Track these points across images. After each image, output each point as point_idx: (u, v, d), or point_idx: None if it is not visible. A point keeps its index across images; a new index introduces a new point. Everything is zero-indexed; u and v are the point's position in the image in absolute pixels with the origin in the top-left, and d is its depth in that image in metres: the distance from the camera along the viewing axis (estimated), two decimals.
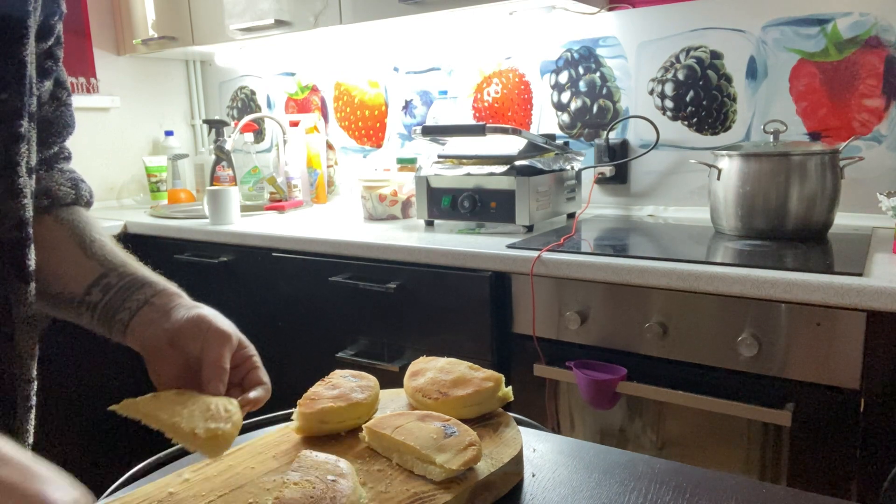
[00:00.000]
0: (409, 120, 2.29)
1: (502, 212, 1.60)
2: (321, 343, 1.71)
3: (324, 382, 0.70)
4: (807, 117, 1.63)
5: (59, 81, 0.71)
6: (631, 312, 1.27)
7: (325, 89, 2.49)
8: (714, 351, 1.20)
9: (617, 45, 1.85)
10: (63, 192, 0.73)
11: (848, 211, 1.57)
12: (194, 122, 2.85)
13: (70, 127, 0.75)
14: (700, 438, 1.25)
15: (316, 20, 1.97)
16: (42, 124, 0.69)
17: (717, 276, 1.15)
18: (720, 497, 0.57)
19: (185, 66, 2.80)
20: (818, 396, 1.12)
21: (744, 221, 1.41)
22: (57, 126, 0.72)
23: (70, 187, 0.74)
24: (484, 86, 2.11)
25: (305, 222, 1.94)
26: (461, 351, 1.47)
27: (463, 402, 0.67)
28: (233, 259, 1.89)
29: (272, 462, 0.61)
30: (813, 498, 0.57)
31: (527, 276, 1.36)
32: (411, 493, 0.55)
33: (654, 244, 1.45)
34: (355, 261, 1.62)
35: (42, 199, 0.70)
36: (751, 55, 1.67)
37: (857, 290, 1.04)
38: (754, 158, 1.39)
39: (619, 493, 0.58)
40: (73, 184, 0.75)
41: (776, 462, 1.18)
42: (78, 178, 0.76)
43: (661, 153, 1.82)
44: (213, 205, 1.95)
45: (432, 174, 1.70)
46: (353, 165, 2.44)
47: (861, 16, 1.54)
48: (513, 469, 0.61)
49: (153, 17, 2.40)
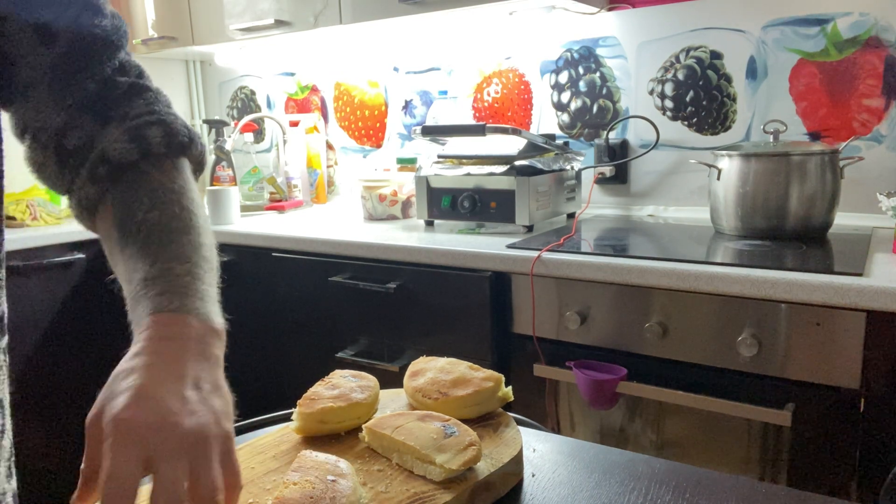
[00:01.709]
0: (409, 120, 2.29)
1: (502, 212, 1.60)
2: (321, 343, 1.71)
3: (324, 382, 0.70)
4: (807, 117, 1.63)
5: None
6: (631, 312, 1.27)
7: (324, 89, 2.49)
8: (714, 351, 1.20)
9: (617, 45, 1.85)
10: (119, 150, 0.58)
11: (848, 211, 1.57)
12: (194, 122, 2.85)
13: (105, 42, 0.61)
14: (700, 438, 1.25)
15: (316, 20, 1.97)
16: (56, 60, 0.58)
17: (717, 276, 1.15)
18: (720, 497, 0.57)
19: (184, 66, 2.80)
20: (818, 396, 1.12)
21: (744, 221, 1.41)
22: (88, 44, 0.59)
23: (129, 140, 0.59)
24: (484, 86, 2.11)
25: (305, 222, 1.94)
26: (461, 351, 1.47)
27: (463, 402, 0.67)
28: (233, 259, 1.89)
29: (272, 462, 0.61)
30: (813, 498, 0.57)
31: (527, 276, 1.36)
32: (411, 493, 0.55)
33: (654, 244, 1.45)
34: (355, 261, 1.62)
35: (98, 168, 0.58)
36: (751, 55, 1.67)
37: (857, 290, 1.04)
38: (754, 158, 1.39)
39: (619, 493, 0.58)
40: (134, 132, 0.59)
41: (776, 462, 1.18)
42: (144, 123, 0.59)
43: (661, 153, 1.82)
44: (213, 205, 1.95)
45: (432, 174, 1.70)
46: (353, 165, 2.44)
47: (861, 16, 1.54)
48: (513, 469, 0.61)
49: (153, 17, 2.40)
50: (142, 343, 0.48)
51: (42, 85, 0.59)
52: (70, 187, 0.62)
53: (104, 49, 0.62)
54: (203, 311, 0.51)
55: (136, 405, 0.43)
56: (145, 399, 0.43)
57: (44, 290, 1.96)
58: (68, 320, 2.01)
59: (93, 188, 0.59)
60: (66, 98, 0.60)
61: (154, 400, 0.43)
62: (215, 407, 0.47)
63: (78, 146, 0.60)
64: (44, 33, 0.58)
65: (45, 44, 0.58)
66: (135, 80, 0.64)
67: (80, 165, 0.60)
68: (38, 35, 0.58)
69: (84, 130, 0.60)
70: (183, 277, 0.52)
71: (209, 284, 0.54)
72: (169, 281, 0.52)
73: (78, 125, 0.60)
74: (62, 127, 0.60)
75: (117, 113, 0.61)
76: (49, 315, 1.97)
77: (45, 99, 0.60)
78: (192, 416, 0.44)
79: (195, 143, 0.63)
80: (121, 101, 0.62)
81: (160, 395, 0.44)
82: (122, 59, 0.64)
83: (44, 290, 1.96)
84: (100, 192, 0.59)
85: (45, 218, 2.12)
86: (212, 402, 0.47)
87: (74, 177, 0.60)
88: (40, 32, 0.58)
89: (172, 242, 0.55)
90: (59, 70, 0.59)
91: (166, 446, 0.42)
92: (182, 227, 0.56)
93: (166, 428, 0.42)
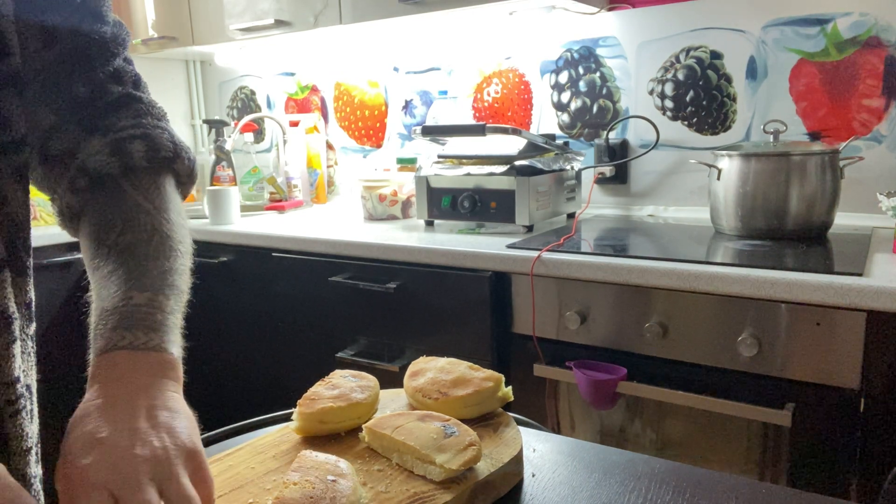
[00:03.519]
0: (409, 120, 2.29)
1: (502, 212, 1.60)
2: (321, 343, 1.71)
3: (324, 382, 0.70)
4: (807, 117, 1.63)
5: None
6: (631, 312, 1.27)
7: (325, 89, 2.49)
8: (714, 351, 1.20)
9: (617, 45, 1.85)
10: (100, 162, 0.58)
11: (848, 211, 1.57)
12: (194, 122, 2.85)
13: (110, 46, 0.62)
14: (700, 438, 1.25)
15: (316, 20, 1.97)
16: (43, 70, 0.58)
17: (717, 276, 1.15)
18: (720, 497, 0.57)
19: (184, 66, 2.80)
20: (818, 396, 1.12)
21: (744, 221, 1.41)
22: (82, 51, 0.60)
23: (110, 153, 0.58)
24: (484, 86, 2.11)
25: (305, 222, 1.94)
26: (461, 351, 1.47)
27: (463, 402, 0.67)
28: (233, 259, 1.89)
29: (272, 462, 0.61)
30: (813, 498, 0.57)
31: (527, 276, 1.36)
32: (411, 493, 0.55)
33: (654, 244, 1.45)
34: (355, 261, 1.62)
35: (79, 180, 0.59)
36: (751, 55, 1.67)
37: (857, 290, 1.04)
38: (754, 158, 1.39)
39: (619, 493, 0.58)
40: (115, 147, 0.59)
41: (776, 462, 1.18)
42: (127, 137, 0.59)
43: (661, 153, 1.82)
44: (213, 205, 1.95)
45: (432, 174, 1.70)
46: (353, 165, 2.44)
47: (861, 16, 1.54)
48: (513, 469, 0.61)
49: (153, 17, 2.39)
50: (95, 387, 0.49)
51: (36, 84, 0.60)
52: (53, 194, 0.63)
53: (99, 54, 0.62)
54: (154, 344, 0.52)
55: (90, 451, 0.44)
56: (98, 444, 0.44)
57: (44, 290, 1.96)
58: (68, 320, 2.01)
59: (74, 198, 0.60)
60: (56, 99, 0.60)
61: (107, 442, 0.45)
62: (175, 428, 0.48)
63: (62, 151, 0.60)
64: (46, 35, 0.59)
65: (46, 45, 0.59)
66: (128, 91, 0.64)
67: (63, 173, 0.61)
68: (40, 36, 0.59)
69: (69, 136, 0.61)
70: (142, 308, 0.53)
71: (169, 312, 0.55)
72: (126, 313, 0.52)
73: (64, 130, 0.61)
74: (49, 129, 0.61)
75: (103, 123, 0.62)
76: (49, 315, 1.97)
77: (37, 98, 0.60)
78: (145, 446, 0.45)
79: (181, 158, 0.63)
80: (109, 110, 0.63)
81: (112, 435, 0.45)
82: (118, 66, 0.65)
83: (44, 290, 1.96)
84: (81, 203, 0.61)
85: (45, 218, 2.13)
86: (171, 425, 0.48)
87: (56, 184, 0.61)
88: (43, 34, 0.59)
89: (138, 268, 0.55)
90: (53, 71, 0.60)
91: (127, 480, 0.43)
92: (151, 253, 0.57)
93: (122, 463, 0.43)
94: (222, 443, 0.70)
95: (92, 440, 0.45)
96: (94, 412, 0.47)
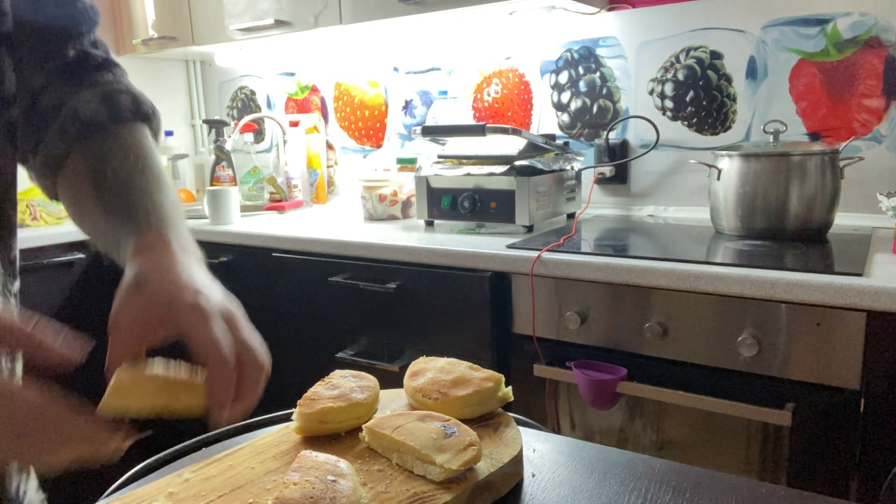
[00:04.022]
0: (409, 120, 2.29)
1: (502, 212, 1.60)
2: (321, 343, 1.71)
3: (324, 382, 0.70)
4: (807, 117, 1.63)
5: None
6: (631, 312, 1.27)
7: (324, 89, 2.49)
8: (714, 351, 1.20)
9: (617, 46, 1.85)
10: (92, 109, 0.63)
11: (848, 211, 1.57)
12: (194, 122, 2.85)
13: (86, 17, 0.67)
14: (700, 438, 1.25)
15: (316, 20, 1.97)
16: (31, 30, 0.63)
17: (717, 276, 1.15)
18: (720, 497, 0.57)
19: (184, 66, 2.80)
20: (818, 396, 1.12)
21: (744, 221, 1.41)
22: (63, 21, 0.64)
23: (100, 102, 0.63)
24: (484, 86, 2.11)
25: (305, 222, 1.94)
26: (461, 351, 1.47)
27: (463, 402, 0.67)
28: (233, 259, 1.89)
29: (272, 462, 0.61)
30: (813, 498, 0.57)
31: (527, 276, 1.36)
32: (411, 493, 0.55)
33: (654, 244, 1.45)
34: (355, 261, 1.62)
35: (69, 125, 0.62)
36: (751, 55, 1.67)
37: (857, 290, 1.04)
38: (754, 158, 1.39)
39: (619, 494, 0.58)
40: (106, 97, 0.64)
41: (776, 462, 1.18)
42: (114, 90, 0.65)
43: (661, 153, 1.82)
44: (213, 205, 1.95)
45: (432, 174, 1.70)
46: (353, 165, 2.44)
47: (861, 16, 1.54)
48: (513, 469, 0.61)
49: (153, 17, 2.40)
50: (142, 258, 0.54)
51: (26, 47, 0.63)
52: (35, 146, 0.65)
53: (84, 23, 0.67)
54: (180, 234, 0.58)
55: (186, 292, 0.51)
56: (189, 285, 0.52)
57: (44, 290, 1.96)
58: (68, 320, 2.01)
59: (61, 144, 0.63)
60: (47, 61, 0.64)
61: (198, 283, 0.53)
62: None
63: (50, 106, 0.64)
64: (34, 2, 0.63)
65: (35, 11, 0.63)
66: (107, 56, 0.70)
67: (49, 124, 0.64)
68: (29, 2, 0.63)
69: (58, 93, 0.64)
70: (166, 209, 0.59)
71: (184, 225, 0.61)
72: (153, 210, 0.58)
73: (53, 88, 0.64)
74: (39, 89, 0.64)
75: (89, 80, 0.67)
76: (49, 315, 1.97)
77: (27, 60, 0.64)
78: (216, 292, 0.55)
79: (156, 116, 0.70)
80: (93, 71, 0.68)
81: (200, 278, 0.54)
82: (96, 36, 0.70)
83: (44, 290, 1.96)
84: (67, 149, 0.63)
85: (45, 218, 2.13)
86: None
87: (42, 135, 0.64)
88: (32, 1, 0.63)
89: (150, 184, 0.60)
90: (44, 35, 0.64)
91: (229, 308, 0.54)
92: (155, 179, 0.62)
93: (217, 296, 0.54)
94: (222, 443, 0.70)
95: (181, 285, 0.51)
96: (160, 270, 0.52)
